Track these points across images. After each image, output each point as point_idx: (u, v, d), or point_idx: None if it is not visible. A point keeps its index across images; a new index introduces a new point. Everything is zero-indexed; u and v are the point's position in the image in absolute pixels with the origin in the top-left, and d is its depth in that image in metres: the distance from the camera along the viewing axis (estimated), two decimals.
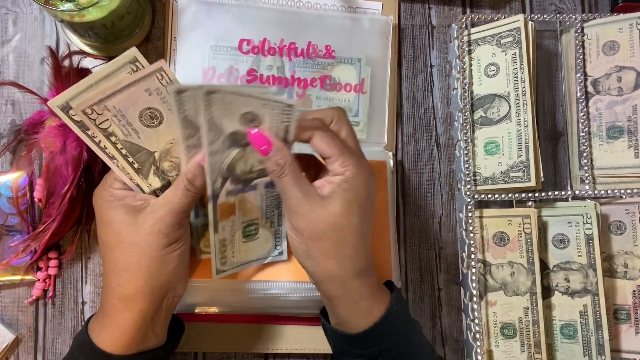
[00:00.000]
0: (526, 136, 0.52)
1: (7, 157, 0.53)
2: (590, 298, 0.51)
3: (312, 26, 0.55)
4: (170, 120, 0.39)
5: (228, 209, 0.41)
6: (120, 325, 0.39)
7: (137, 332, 0.39)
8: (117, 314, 0.39)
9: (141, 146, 0.39)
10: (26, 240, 0.50)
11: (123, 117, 0.37)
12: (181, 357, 0.53)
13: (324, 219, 0.38)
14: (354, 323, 0.40)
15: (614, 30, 0.54)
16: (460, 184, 0.55)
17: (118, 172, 0.39)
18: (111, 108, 0.37)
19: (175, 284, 0.41)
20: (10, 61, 0.54)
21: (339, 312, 0.40)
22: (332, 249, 0.38)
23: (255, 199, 0.43)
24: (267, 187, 0.43)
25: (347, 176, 0.38)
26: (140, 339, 0.40)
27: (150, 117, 0.38)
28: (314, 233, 0.38)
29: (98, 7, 0.46)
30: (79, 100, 0.36)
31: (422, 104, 0.58)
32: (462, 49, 0.55)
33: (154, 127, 0.39)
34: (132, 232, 0.38)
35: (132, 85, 0.37)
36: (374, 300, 0.40)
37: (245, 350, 0.52)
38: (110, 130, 0.38)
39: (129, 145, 0.39)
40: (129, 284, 0.38)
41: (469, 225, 0.52)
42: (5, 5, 0.55)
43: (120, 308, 0.39)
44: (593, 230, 0.51)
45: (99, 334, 0.39)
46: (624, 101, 0.54)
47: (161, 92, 0.38)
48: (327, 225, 0.38)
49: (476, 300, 0.51)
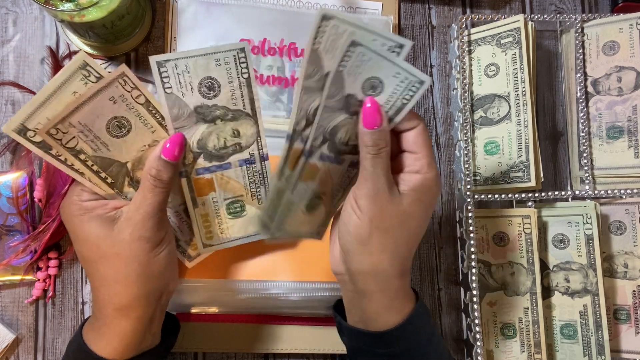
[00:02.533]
0: (526, 136, 0.52)
1: (7, 157, 0.53)
2: (590, 298, 0.51)
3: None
4: (139, 128, 0.38)
5: (311, 173, 0.39)
6: (119, 333, 0.38)
7: (137, 337, 0.39)
8: (114, 323, 0.38)
9: (112, 159, 0.38)
10: (26, 240, 0.50)
11: (90, 131, 0.36)
12: (181, 357, 0.53)
13: (397, 214, 0.37)
14: (383, 320, 0.39)
15: (614, 30, 0.54)
16: (460, 184, 0.55)
17: (87, 184, 0.38)
18: (76, 124, 0.35)
19: (167, 283, 0.41)
20: (10, 61, 0.54)
21: (370, 308, 0.39)
22: (392, 245, 0.37)
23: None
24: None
25: (429, 179, 0.37)
26: (140, 342, 0.39)
27: (117, 126, 0.37)
28: (383, 223, 0.37)
29: (98, 7, 0.46)
30: (35, 120, 0.34)
31: (422, 104, 0.58)
32: (462, 49, 0.55)
33: (122, 136, 0.38)
34: (112, 244, 0.37)
35: (95, 96, 0.35)
36: (407, 300, 0.39)
37: (245, 350, 0.52)
38: (78, 147, 0.36)
39: (100, 160, 0.37)
40: (122, 294, 0.38)
41: (469, 225, 0.52)
42: (5, 5, 0.55)
43: (117, 317, 0.38)
44: (593, 231, 0.51)
45: (97, 342, 0.38)
46: (624, 101, 0.54)
47: (126, 99, 0.36)
48: (398, 221, 0.37)
49: (476, 300, 0.51)
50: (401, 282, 0.39)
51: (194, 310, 0.51)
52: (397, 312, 0.38)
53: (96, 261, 0.38)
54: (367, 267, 0.38)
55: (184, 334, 0.51)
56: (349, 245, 0.38)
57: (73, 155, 0.36)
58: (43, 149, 0.36)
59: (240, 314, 0.51)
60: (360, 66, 0.35)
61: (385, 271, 0.38)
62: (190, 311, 0.51)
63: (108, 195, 0.39)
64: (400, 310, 0.39)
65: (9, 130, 0.34)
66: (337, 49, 0.34)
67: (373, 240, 0.37)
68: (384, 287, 0.38)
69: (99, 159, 0.37)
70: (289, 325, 0.52)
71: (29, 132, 0.35)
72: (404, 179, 0.37)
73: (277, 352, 0.52)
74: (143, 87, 0.37)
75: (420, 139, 0.37)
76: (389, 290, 0.38)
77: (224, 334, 0.52)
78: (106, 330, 0.38)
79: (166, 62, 0.36)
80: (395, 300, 0.38)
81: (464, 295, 0.55)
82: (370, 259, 0.37)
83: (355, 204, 0.37)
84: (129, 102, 0.37)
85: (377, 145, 0.36)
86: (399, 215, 0.37)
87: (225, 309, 0.51)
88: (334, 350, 0.52)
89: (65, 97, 0.35)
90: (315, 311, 0.51)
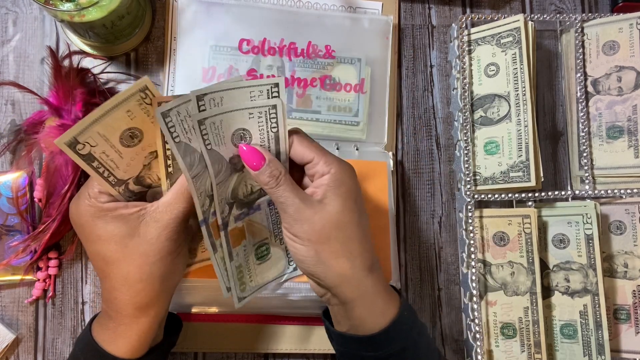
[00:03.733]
0: (526, 136, 0.52)
1: (7, 157, 0.53)
2: (590, 298, 0.51)
3: (312, 26, 0.55)
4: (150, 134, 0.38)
5: (238, 235, 0.42)
6: (138, 331, 0.38)
7: (153, 334, 0.39)
8: (134, 322, 0.38)
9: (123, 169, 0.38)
10: (26, 240, 0.50)
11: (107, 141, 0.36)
12: (181, 357, 0.53)
13: (327, 220, 0.37)
14: (370, 324, 0.39)
15: (614, 30, 0.54)
16: (460, 184, 0.55)
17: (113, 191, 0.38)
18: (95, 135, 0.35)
19: (178, 282, 0.42)
20: (10, 61, 0.54)
21: (356, 315, 0.39)
22: (341, 249, 0.38)
23: (261, 218, 0.43)
24: (270, 205, 0.43)
25: (335, 173, 0.38)
26: (153, 339, 0.40)
27: (130, 137, 0.37)
28: (321, 236, 0.38)
29: (98, 7, 0.46)
30: (87, 135, 0.35)
31: (422, 103, 0.58)
32: (462, 49, 0.55)
33: (134, 146, 0.37)
34: (139, 242, 0.37)
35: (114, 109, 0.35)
36: (388, 298, 0.40)
37: (245, 350, 0.52)
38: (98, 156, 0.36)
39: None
40: (145, 293, 0.38)
41: (469, 225, 0.52)
42: (5, 5, 0.55)
43: (138, 315, 0.38)
44: (593, 230, 0.51)
45: (113, 342, 0.38)
46: (624, 101, 0.54)
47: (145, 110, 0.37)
48: (332, 226, 0.38)
49: (476, 300, 0.51)
50: (374, 277, 0.39)
51: (194, 310, 0.51)
52: (381, 316, 0.39)
53: (120, 260, 0.38)
54: (335, 279, 0.38)
55: (184, 334, 0.51)
56: (309, 270, 0.39)
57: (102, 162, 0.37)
58: (87, 161, 0.36)
59: (240, 314, 0.51)
60: (219, 132, 0.36)
61: (351, 275, 0.38)
62: (191, 311, 0.51)
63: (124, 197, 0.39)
64: (384, 314, 0.39)
65: (60, 143, 0.34)
66: (193, 132, 0.35)
67: (323, 256, 0.38)
68: (359, 291, 0.39)
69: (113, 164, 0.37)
70: (289, 325, 0.52)
71: (79, 145, 0.35)
72: (315, 186, 0.39)
73: (277, 352, 0.52)
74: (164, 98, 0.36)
75: (303, 147, 0.39)
76: (366, 293, 0.39)
77: (224, 334, 0.52)
78: (125, 329, 0.38)
79: (169, 111, 0.35)
80: (376, 302, 0.39)
81: (464, 295, 0.55)
82: (333, 272, 0.38)
83: (291, 235, 0.39)
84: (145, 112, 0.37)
85: (273, 177, 0.38)
86: (329, 221, 0.38)
87: (225, 309, 0.51)
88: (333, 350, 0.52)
89: (119, 115, 0.35)
90: (315, 311, 0.51)
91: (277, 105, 0.37)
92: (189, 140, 0.36)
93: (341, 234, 0.38)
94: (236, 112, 0.36)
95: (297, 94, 0.54)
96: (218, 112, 0.35)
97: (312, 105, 0.54)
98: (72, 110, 0.49)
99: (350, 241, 0.38)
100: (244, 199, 0.41)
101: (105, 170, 0.37)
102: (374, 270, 0.40)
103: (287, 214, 0.38)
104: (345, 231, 0.38)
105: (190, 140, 0.36)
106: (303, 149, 0.39)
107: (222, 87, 0.35)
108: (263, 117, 0.37)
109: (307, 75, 0.54)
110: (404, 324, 0.40)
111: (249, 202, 0.41)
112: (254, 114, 0.37)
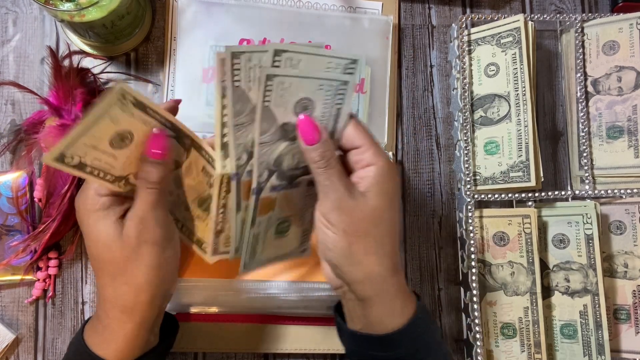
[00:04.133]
0: (526, 136, 0.52)
1: (7, 157, 0.53)
2: (590, 298, 0.51)
3: (312, 26, 0.55)
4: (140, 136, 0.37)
5: (268, 205, 0.40)
6: (123, 336, 0.38)
7: (141, 340, 0.39)
8: (119, 327, 0.38)
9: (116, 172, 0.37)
10: (26, 240, 0.50)
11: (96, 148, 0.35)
12: (181, 357, 0.53)
13: (368, 214, 0.36)
14: (386, 323, 0.38)
15: (614, 30, 0.54)
16: (460, 184, 0.55)
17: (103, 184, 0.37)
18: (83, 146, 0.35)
19: (170, 287, 0.41)
20: (10, 61, 0.54)
21: (373, 313, 0.38)
22: (375, 246, 0.37)
23: (297, 197, 0.41)
24: (309, 185, 0.41)
25: (382, 167, 0.37)
26: (144, 344, 0.39)
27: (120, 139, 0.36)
28: (358, 229, 0.36)
29: (98, 7, 0.46)
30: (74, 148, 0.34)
31: (422, 103, 0.58)
32: (462, 49, 0.55)
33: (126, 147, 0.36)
34: (122, 247, 0.37)
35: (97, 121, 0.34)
36: (406, 299, 0.39)
37: (245, 350, 0.52)
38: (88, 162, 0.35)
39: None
40: (128, 297, 0.37)
41: (469, 225, 0.52)
42: (5, 5, 0.55)
43: (123, 320, 0.38)
44: (593, 230, 0.51)
45: (101, 346, 0.38)
46: (624, 101, 0.54)
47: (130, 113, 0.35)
48: (371, 221, 0.37)
49: (476, 300, 0.51)
50: (396, 279, 0.38)
51: (194, 310, 0.51)
52: (398, 316, 0.38)
53: (107, 261, 0.37)
54: (360, 275, 0.37)
55: (184, 334, 0.51)
56: (334, 260, 0.38)
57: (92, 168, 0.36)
58: (79, 170, 0.35)
59: (240, 314, 0.51)
60: (284, 95, 0.35)
61: (378, 274, 0.37)
62: (190, 311, 0.51)
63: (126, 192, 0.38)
64: (402, 314, 0.38)
65: (48, 160, 0.34)
66: (256, 83, 0.34)
67: (355, 249, 0.37)
68: (381, 290, 0.38)
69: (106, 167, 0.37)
70: (289, 325, 0.52)
71: (67, 158, 0.34)
72: (359, 176, 0.37)
73: (277, 352, 0.52)
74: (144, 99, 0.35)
75: (357, 132, 0.37)
76: (387, 293, 0.38)
77: (224, 334, 0.52)
78: (110, 335, 0.38)
79: (241, 54, 0.34)
80: (395, 302, 0.38)
81: (464, 295, 0.55)
82: (360, 268, 0.37)
83: (325, 221, 0.37)
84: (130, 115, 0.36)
85: (324, 158, 0.36)
86: (370, 215, 0.37)
87: (225, 309, 0.51)
88: (333, 350, 0.52)
89: (103, 125, 0.34)
90: (315, 311, 0.51)
91: (348, 82, 0.36)
92: (248, 90, 0.35)
93: (378, 231, 0.37)
94: (309, 79, 0.35)
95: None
96: (291, 74, 0.34)
97: None
98: (72, 110, 0.49)
99: (384, 240, 0.37)
100: (286, 171, 0.39)
101: (101, 172, 0.36)
102: (398, 272, 0.39)
103: (329, 199, 0.36)
104: (383, 229, 0.37)
105: (249, 89, 0.35)
106: (357, 133, 0.37)
107: (304, 49, 0.34)
108: (331, 92, 0.36)
109: None
110: (419, 326, 0.39)
111: (290, 176, 0.40)
112: (324, 86, 0.36)
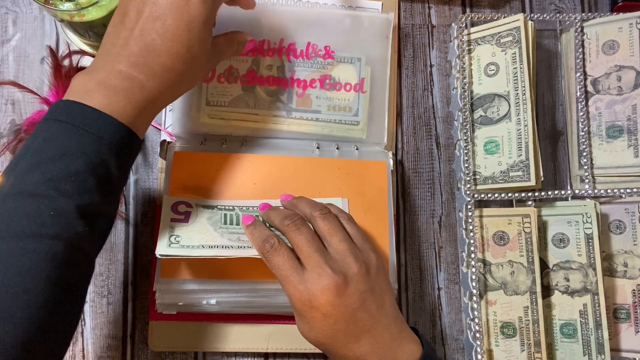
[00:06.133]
0: (526, 135, 0.52)
1: (7, 157, 0.53)
2: (590, 297, 0.51)
3: (311, 26, 0.55)
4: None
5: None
6: (136, 104, 0.37)
7: (149, 117, 0.39)
8: (133, 90, 0.37)
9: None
10: None
11: None
12: (181, 357, 0.53)
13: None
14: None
15: (614, 29, 0.54)
16: (460, 184, 0.55)
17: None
18: None
19: (195, 78, 0.41)
20: (10, 61, 0.54)
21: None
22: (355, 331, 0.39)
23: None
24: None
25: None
26: (146, 125, 0.39)
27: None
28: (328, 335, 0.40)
29: (98, 7, 0.46)
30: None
31: (422, 103, 0.58)
32: (462, 49, 0.55)
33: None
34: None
35: None
36: (409, 349, 0.40)
37: (245, 350, 0.52)
38: None
39: None
40: (168, 58, 0.37)
41: (468, 225, 0.52)
42: (5, 5, 0.55)
43: (128, 78, 0.37)
44: (593, 230, 0.52)
45: (89, 94, 0.36)
46: (623, 100, 0.54)
47: None
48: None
49: (476, 300, 0.51)
50: (397, 343, 0.39)
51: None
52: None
53: (166, 14, 0.37)
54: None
55: (184, 334, 0.51)
56: (317, 344, 0.41)
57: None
58: None
59: (241, 314, 0.51)
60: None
61: (372, 352, 0.39)
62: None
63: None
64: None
65: None
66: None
67: (338, 343, 0.39)
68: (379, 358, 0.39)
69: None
70: (289, 325, 0.52)
71: None
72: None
73: (277, 351, 0.52)
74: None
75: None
76: (386, 354, 0.39)
77: (224, 334, 0.52)
78: (116, 94, 0.36)
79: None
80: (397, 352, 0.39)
81: (464, 294, 0.55)
82: (350, 354, 0.39)
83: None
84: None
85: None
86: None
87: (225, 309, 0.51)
88: None
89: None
90: None
91: None
92: None
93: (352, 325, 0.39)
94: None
95: (297, 94, 0.54)
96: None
97: (312, 105, 0.54)
98: None
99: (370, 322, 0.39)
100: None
101: None
102: (401, 339, 0.39)
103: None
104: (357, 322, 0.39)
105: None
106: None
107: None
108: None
109: (307, 76, 0.54)
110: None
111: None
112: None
